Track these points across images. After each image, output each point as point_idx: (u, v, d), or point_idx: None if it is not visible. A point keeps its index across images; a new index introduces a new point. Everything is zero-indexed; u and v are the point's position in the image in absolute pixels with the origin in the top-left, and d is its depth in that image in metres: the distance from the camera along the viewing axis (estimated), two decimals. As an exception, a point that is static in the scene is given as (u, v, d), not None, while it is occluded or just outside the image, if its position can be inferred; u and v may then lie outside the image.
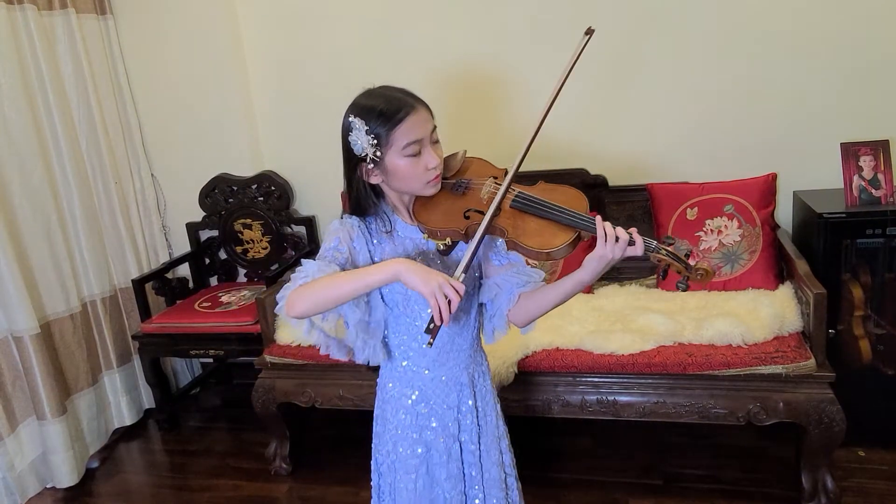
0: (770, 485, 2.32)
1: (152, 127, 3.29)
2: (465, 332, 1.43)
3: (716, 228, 2.54)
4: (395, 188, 1.35)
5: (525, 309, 1.37)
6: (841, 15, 2.53)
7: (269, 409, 2.54)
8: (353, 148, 1.28)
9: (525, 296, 1.37)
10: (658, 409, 2.20)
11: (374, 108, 1.26)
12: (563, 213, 1.27)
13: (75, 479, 2.71)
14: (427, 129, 1.28)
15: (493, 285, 1.40)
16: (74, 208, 2.89)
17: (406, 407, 1.43)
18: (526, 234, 1.28)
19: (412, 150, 1.26)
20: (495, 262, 1.40)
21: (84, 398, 2.89)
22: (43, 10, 2.79)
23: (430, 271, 1.20)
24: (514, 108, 2.90)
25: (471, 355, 1.46)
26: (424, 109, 1.29)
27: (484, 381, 1.49)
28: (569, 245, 1.26)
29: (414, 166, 1.28)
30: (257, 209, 3.25)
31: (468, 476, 1.47)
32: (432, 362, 1.42)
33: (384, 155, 1.27)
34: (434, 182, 1.32)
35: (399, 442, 1.44)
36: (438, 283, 1.17)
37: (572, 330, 2.32)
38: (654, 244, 1.22)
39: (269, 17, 3.09)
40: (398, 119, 1.25)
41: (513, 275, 1.38)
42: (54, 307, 2.76)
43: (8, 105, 2.60)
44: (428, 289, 1.17)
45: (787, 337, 2.17)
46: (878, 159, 2.38)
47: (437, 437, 1.43)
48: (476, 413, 1.46)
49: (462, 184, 1.37)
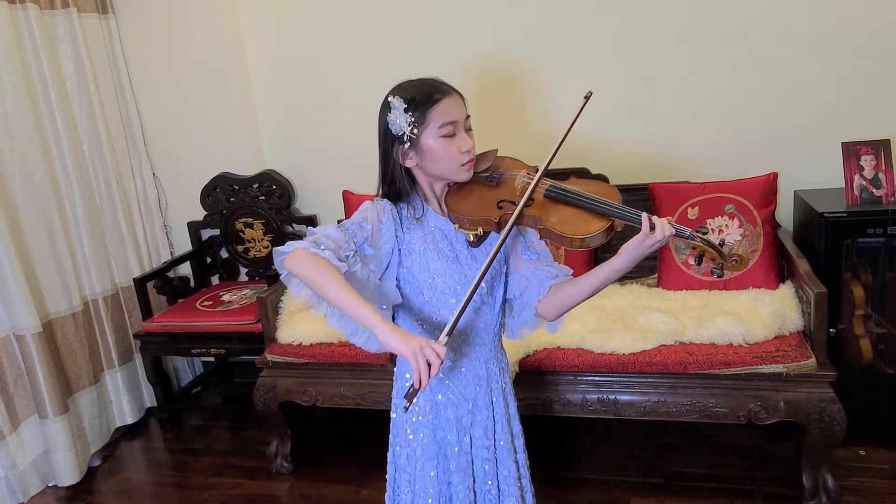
0: (771, 484, 2.32)
1: (154, 126, 3.30)
2: (488, 326, 1.44)
3: (717, 228, 2.54)
4: (428, 172, 1.37)
5: (556, 301, 1.38)
6: (842, 15, 2.53)
7: (270, 407, 2.55)
8: (391, 127, 1.31)
9: (555, 288, 1.38)
10: (659, 408, 2.20)
11: (412, 88, 1.32)
12: (597, 202, 1.30)
13: (77, 477, 2.72)
14: (462, 113, 1.33)
15: (522, 279, 1.42)
16: (76, 207, 2.89)
17: (425, 395, 1.44)
18: (562, 221, 1.30)
19: (447, 130, 1.30)
20: (524, 257, 1.42)
21: (86, 397, 2.90)
22: (45, 10, 2.79)
23: (409, 335, 1.21)
24: (530, 109, 2.90)
25: (492, 350, 1.46)
26: (459, 97, 1.34)
27: (503, 378, 1.50)
28: (603, 232, 1.28)
29: (448, 147, 1.31)
30: (258, 208, 3.25)
31: (480, 470, 1.46)
32: (452, 353, 1.42)
33: (420, 134, 1.30)
34: (467, 166, 1.34)
35: (419, 429, 1.45)
36: (420, 345, 1.18)
37: (573, 329, 2.32)
38: (688, 231, 1.25)
39: (270, 17, 3.09)
40: (435, 99, 1.30)
41: (542, 268, 1.40)
42: (56, 306, 2.77)
43: (10, 104, 2.60)
44: (409, 350, 1.18)
45: (788, 336, 2.17)
46: (878, 158, 2.38)
47: (451, 427, 1.43)
48: (493, 408, 1.46)
49: (496, 175, 1.40)
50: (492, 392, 1.47)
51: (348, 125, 2.98)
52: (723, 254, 1.24)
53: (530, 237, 1.43)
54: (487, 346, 1.45)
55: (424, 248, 1.37)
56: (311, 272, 1.24)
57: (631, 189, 2.82)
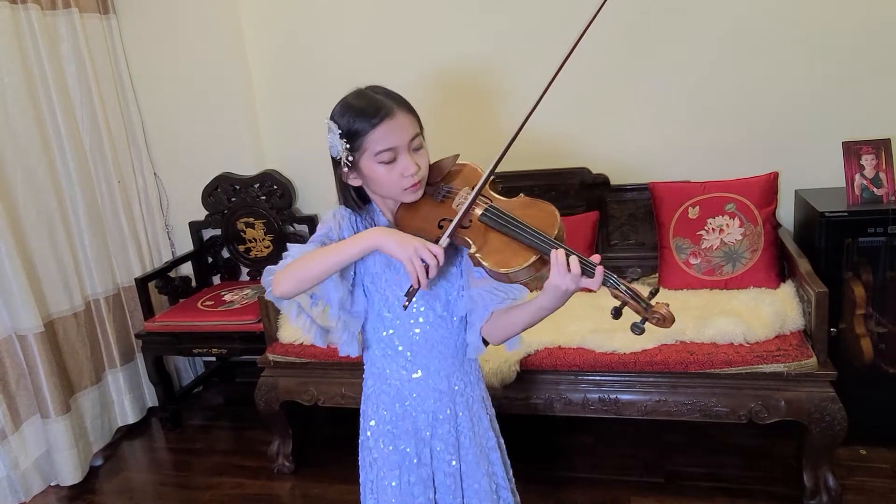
0: (771, 483, 2.32)
1: (155, 126, 3.30)
2: (447, 339, 1.39)
3: (717, 227, 2.54)
4: (374, 192, 1.34)
5: (497, 327, 1.32)
6: (843, 14, 2.53)
7: (271, 407, 2.55)
8: (330, 151, 1.29)
9: (501, 312, 1.31)
10: (660, 407, 2.20)
11: (350, 110, 1.25)
12: (527, 232, 1.20)
13: (79, 477, 2.72)
14: (404, 135, 1.25)
15: (469, 299, 1.34)
16: (78, 207, 2.90)
17: (385, 404, 1.43)
18: (489, 252, 1.22)
19: (386, 157, 1.24)
20: (476, 275, 1.32)
21: (88, 396, 2.90)
22: (46, 10, 2.79)
23: (407, 236, 1.19)
24: (513, 111, 2.90)
25: (454, 364, 1.41)
26: (405, 115, 1.26)
27: (471, 392, 1.45)
28: (529, 267, 1.19)
29: (388, 173, 1.25)
30: (260, 208, 3.26)
31: (441, 484, 1.43)
32: (410, 363, 1.40)
33: (358, 159, 1.26)
34: (412, 189, 1.28)
35: (380, 438, 1.44)
36: (415, 246, 1.17)
37: (574, 328, 2.32)
38: (613, 279, 1.15)
39: (271, 17, 3.09)
40: (372, 125, 1.22)
41: (490, 290, 1.31)
42: (58, 306, 2.77)
43: (11, 104, 2.60)
44: (404, 253, 1.17)
45: (789, 335, 2.17)
46: (879, 158, 2.38)
47: (410, 439, 1.42)
48: (456, 422, 1.43)
49: (442, 190, 1.33)
50: (455, 406, 1.42)
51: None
52: (647, 306, 1.14)
53: None
54: (449, 360, 1.40)
55: (375, 259, 1.35)
56: (295, 269, 1.25)
57: (632, 189, 2.83)
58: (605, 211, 2.86)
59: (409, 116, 1.27)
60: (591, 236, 2.76)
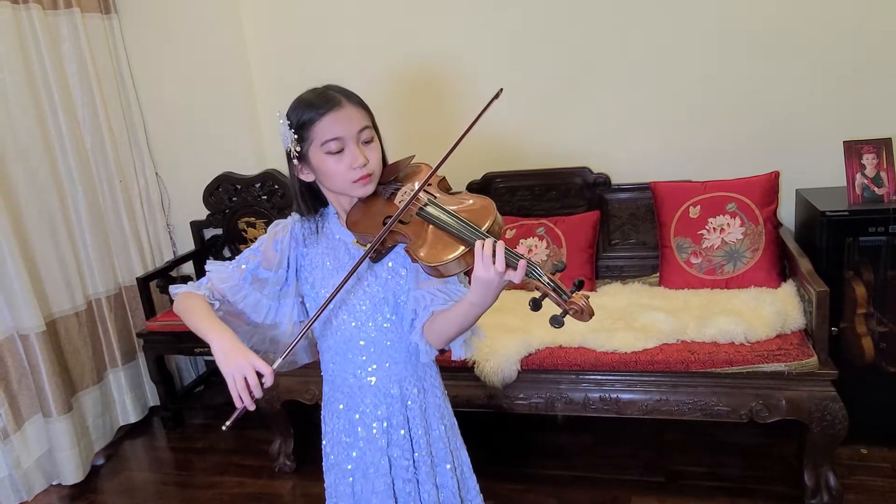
0: (772, 482, 2.32)
1: (156, 125, 3.31)
2: (396, 344, 1.36)
3: (718, 226, 2.54)
4: (326, 187, 1.34)
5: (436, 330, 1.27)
6: (843, 13, 2.53)
7: (273, 406, 2.56)
8: (282, 143, 1.31)
9: (438, 314, 1.26)
10: (661, 406, 2.20)
11: (300, 103, 1.29)
12: (456, 225, 1.18)
13: (81, 476, 2.73)
14: (352, 127, 1.26)
15: (413, 300, 1.30)
16: (79, 207, 2.90)
17: (338, 412, 1.42)
18: (423, 245, 1.21)
19: (333, 146, 1.25)
20: (423, 276, 1.28)
21: (89, 396, 2.91)
22: (48, 10, 2.80)
23: (239, 352, 1.19)
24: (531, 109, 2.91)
25: (406, 369, 1.38)
26: (353, 107, 1.27)
27: (426, 398, 1.41)
28: (458, 259, 1.17)
29: (336, 164, 1.26)
30: (261, 207, 3.26)
31: (401, 492, 1.39)
32: (359, 370, 1.37)
33: (306, 151, 1.28)
34: (361, 182, 1.28)
35: (335, 446, 1.43)
36: (240, 365, 1.17)
37: (575, 328, 2.30)
38: (536, 270, 1.11)
39: (272, 16, 3.10)
40: (319, 114, 1.25)
41: (433, 291, 1.27)
42: (59, 305, 2.78)
43: (13, 104, 2.61)
44: (227, 369, 1.18)
45: (790, 335, 2.17)
46: (880, 157, 2.38)
47: (366, 447, 1.39)
48: (409, 428, 1.39)
49: (390, 188, 1.33)
50: (407, 411, 1.39)
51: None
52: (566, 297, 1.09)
53: None
54: (399, 365, 1.37)
55: (324, 262, 1.34)
56: (182, 309, 1.32)
57: (633, 188, 2.83)
58: (606, 210, 2.86)
59: (359, 109, 1.29)
60: (592, 236, 2.76)
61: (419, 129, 2.92)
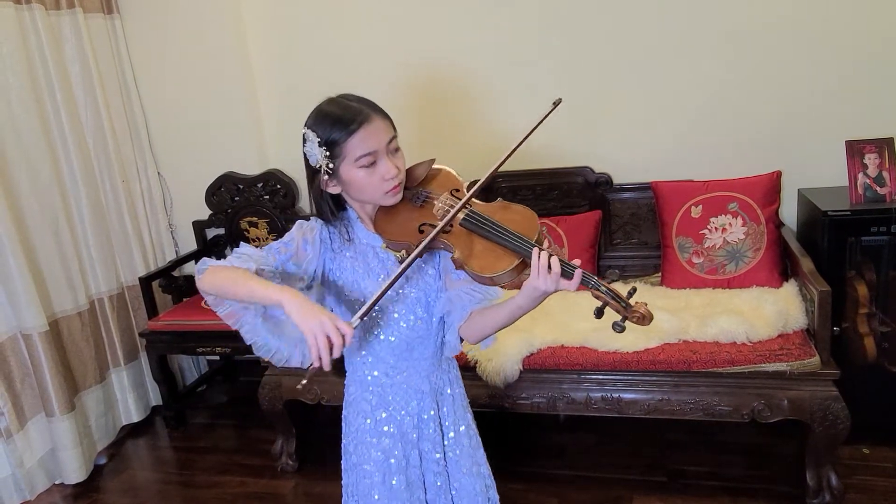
0: (774, 482, 2.32)
1: (159, 125, 3.31)
2: (426, 340, 1.41)
3: (720, 226, 2.54)
4: (354, 198, 1.35)
5: (477, 326, 1.32)
6: (845, 12, 2.53)
7: (275, 406, 2.56)
8: (309, 159, 1.29)
9: (477, 313, 1.31)
10: (662, 406, 2.20)
11: (326, 118, 1.26)
12: (509, 237, 1.23)
13: (83, 475, 2.73)
14: (382, 139, 1.26)
15: (447, 300, 1.35)
16: (82, 207, 2.91)
17: (365, 412, 1.43)
18: (472, 255, 1.25)
19: (366, 161, 1.25)
20: (454, 276, 1.33)
21: (92, 395, 2.91)
22: (50, 10, 2.80)
23: (316, 311, 1.15)
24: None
25: (434, 364, 1.43)
26: (381, 119, 1.27)
27: (452, 391, 1.46)
28: (512, 270, 1.22)
29: (369, 177, 1.27)
30: (263, 207, 3.26)
31: (431, 485, 1.44)
32: (391, 368, 1.40)
33: (338, 166, 1.27)
34: (392, 192, 1.30)
35: (359, 445, 1.44)
36: (321, 322, 1.13)
37: (577, 327, 2.33)
38: (593, 280, 1.17)
39: (274, 16, 3.10)
40: (350, 131, 1.24)
41: (468, 291, 1.32)
42: (62, 305, 2.78)
43: (16, 104, 2.61)
44: (308, 327, 1.13)
45: (792, 334, 2.17)
46: (882, 157, 2.37)
47: (396, 443, 1.41)
48: (440, 422, 1.44)
49: (422, 195, 1.35)
50: (438, 405, 1.44)
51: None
52: (628, 305, 1.17)
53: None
54: (428, 361, 1.42)
55: (354, 266, 1.35)
56: (219, 276, 1.24)
57: (635, 188, 2.83)
58: (608, 210, 2.86)
59: (385, 120, 1.29)
60: (594, 235, 2.76)
61: (420, 130, 2.93)
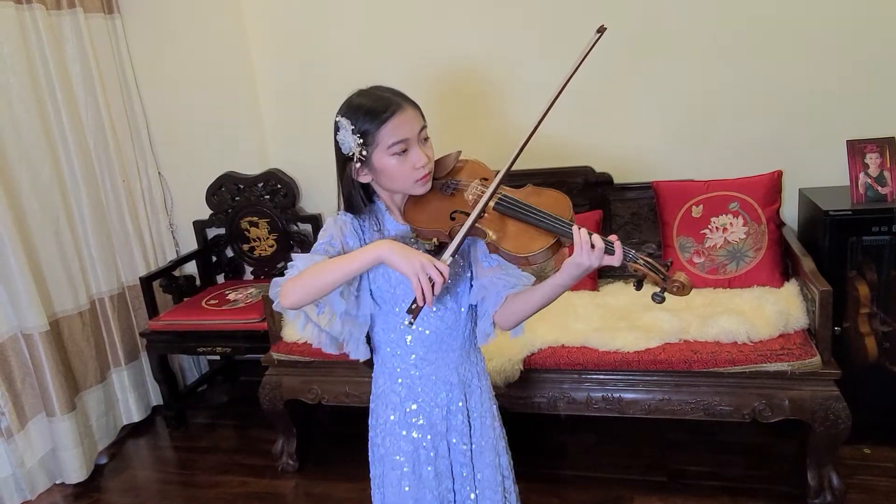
0: (775, 482, 2.32)
1: (159, 125, 3.31)
2: (455, 331, 1.43)
3: (721, 226, 2.54)
4: (384, 187, 1.37)
5: (511, 311, 1.36)
6: (847, 12, 2.52)
7: (275, 405, 2.56)
8: (342, 147, 1.31)
9: (512, 297, 1.35)
10: (663, 406, 2.20)
11: (360, 107, 1.29)
12: (543, 217, 1.26)
13: (84, 475, 2.74)
14: (414, 128, 1.29)
15: (481, 287, 1.38)
16: (83, 206, 2.91)
17: (395, 404, 1.45)
18: (506, 237, 1.28)
19: (398, 148, 1.28)
20: (485, 265, 1.39)
21: (93, 395, 2.91)
22: (51, 10, 2.80)
23: (413, 252, 1.20)
24: (509, 110, 2.90)
25: (462, 355, 1.45)
26: (412, 109, 1.31)
27: (478, 382, 1.49)
28: (547, 250, 1.25)
29: (401, 164, 1.30)
30: (264, 207, 3.26)
31: (458, 475, 1.47)
32: (421, 360, 1.42)
33: (371, 154, 1.29)
34: (423, 181, 1.33)
35: (387, 437, 1.46)
36: (421, 262, 1.18)
37: (577, 327, 2.33)
38: (632, 253, 1.22)
39: (275, 16, 3.10)
40: (384, 118, 1.27)
41: (501, 276, 1.36)
42: (63, 305, 2.78)
43: (17, 104, 2.61)
44: (411, 268, 1.18)
45: (793, 334, 2.17)
46: (884, 157, 2.37)
47: (425, 434, 1.43)
48: (467, 413, 1.46)
49: (451, 184, 1.38)
50: (465, 397, 1.46)
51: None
52: (666, 277, 1.21)
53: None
54: (457, 352, 1.44)
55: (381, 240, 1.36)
56: (302, 281, 1.25)
57: (636, 187, 2.83)
58: (609, 210, 2.86)
59: (416, 110, 1.32)
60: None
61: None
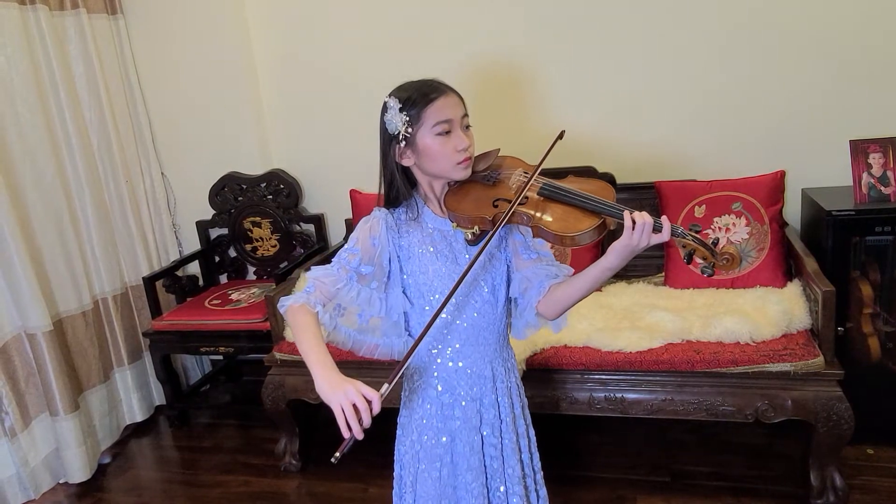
0: (778, 482, 2.32)
1: (162, 126, 3.32)
2: (492, 326, 1.45)
3: (724, 226, 2.54)
4: (426, 170, 1.39)
5: (556, 300, 1.39)
6: (849, 11, 2.52)
7: (278, 405, 2.56)
8: (388, 126, 1.35)
9: (554, 288, 1.39)
10: (666, 406, 2.20)
11: (408, 88, 1.36)
12: (588, 199, 1.30)
13: (87, 474, 2.74)
14: (458, 112, 1.35)
15: (523, 279, 1.42)
16: (86, 207, 2.92)
17: (432, 398, 1.46)
18: (552, 219, 1.31)
19: (442, 128, 1.32)
20: (524, 257, 1.43)
21: (96, 395, 2.92)
22: (54, 11, 2.81)
23: (341, 381, 1.19)
24: (534, 108, 2.90)
25: (496, 350, 1.47)
26: (456, 96, 1.37)
27: (509, 377, 1.50)
28: (594, 230, 1.28)
29: (443, 145, 1.33)
30: (266, 207, 3.27)
31: (490, 468, 1.48)
32: (457, 353, 1.44)
33: (415, 133, 1.33)
34: (464, 164, 1.36)
35: (424, 431, 1.46)
36: (346, 392, 1.16)
37: (580, 327, 2.32)
38: (679, 229, 1.25)
39: (278, 17, 3.11)
40: (430, 99, 1.32)
41: (543, 267, 1.41)
42: (67, 305, 2.79)
43: (20, 104, 2.62)
44: (334, 399, 1.17)
45: (796, 334, 2.17)
46: (887, 156, 2.37)
47: (460, 428, 1.45)
48: (498, 407, 1.47)
49: (494, 174, 1.42)
50: (497, 392, 1.47)
51: (355, 124, 2.99)
52: (714, 252, 1.25)
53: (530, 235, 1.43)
54: (492, 347, 1.46)
55: (422, 250, 1.39)
56: (294, 328, 1.33)
57: (638, 188, 2.82)
58: (611, 210, 2.86)
59: (459, 98, 1.38)
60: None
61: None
